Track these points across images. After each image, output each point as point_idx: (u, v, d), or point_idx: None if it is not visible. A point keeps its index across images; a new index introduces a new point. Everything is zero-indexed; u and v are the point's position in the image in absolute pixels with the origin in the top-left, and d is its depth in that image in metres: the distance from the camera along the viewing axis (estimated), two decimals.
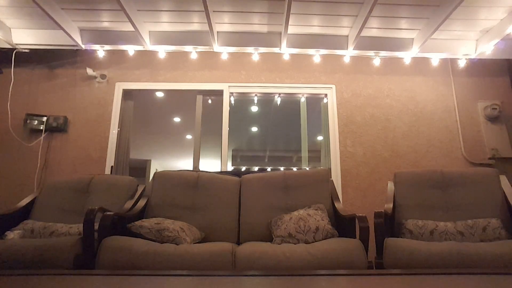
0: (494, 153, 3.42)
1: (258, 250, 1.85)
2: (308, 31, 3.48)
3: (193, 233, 2.20)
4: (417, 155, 3.47)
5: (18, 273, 0.95)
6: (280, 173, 2.66)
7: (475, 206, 2.34)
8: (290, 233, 2.10)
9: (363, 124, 3.54)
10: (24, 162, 3.27)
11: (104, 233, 1.94)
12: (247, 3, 3.06)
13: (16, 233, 2.16)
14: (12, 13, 3.13)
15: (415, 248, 1.83)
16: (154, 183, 2.60)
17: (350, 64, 3.71)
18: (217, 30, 3.45)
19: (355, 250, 1.83)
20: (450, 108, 3.61)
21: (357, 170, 3.40)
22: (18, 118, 3.37)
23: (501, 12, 3.08)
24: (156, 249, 1.79)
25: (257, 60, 3.69)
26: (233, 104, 3.68)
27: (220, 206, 2.48)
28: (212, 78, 3.64)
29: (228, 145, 3.52)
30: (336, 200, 2.45)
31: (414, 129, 3.54)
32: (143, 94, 4.15)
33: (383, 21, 3.28)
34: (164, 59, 3.66)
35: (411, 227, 2.22)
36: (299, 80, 3.66)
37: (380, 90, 3.65)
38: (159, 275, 0.93)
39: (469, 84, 3.70)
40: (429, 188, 2.51)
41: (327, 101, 3.67)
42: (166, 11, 3.18)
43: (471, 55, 3.55)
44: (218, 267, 1.76)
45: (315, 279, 0.85)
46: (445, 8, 2.94)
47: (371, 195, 3.32)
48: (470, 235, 2.09)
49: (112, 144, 3.42)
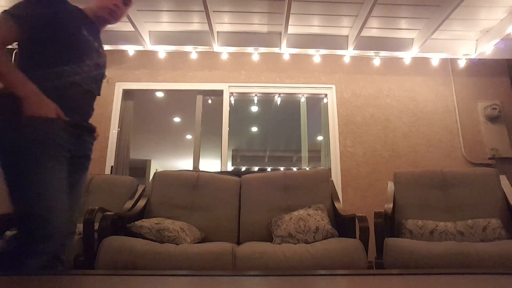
0: (494, 153, 3.41)
1: (258, 250, 1.85)
2: (308, 31, 3.48)
3: (193, 233, 2.20)
4: (417, 155, 3.46)
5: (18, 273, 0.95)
6: (280, 173, 2.66)
7: (475, 206, 2.34)
8: (290, 233, 2.10)
9: (363, 124, 3.54)
10: None
11: (104, 233, 1.93)
12: (247, 3, 3.06)
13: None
14: None
15: (415, 248, 1.83)
16: (154, 183, 2.60)
17: (350, 64, 3.71)
18: (217, 30, 3.45)
19: (355, 250, 1.83)
20: (450, 108, 3.61)
21: (357, 170, 3.40)
22: None
23: (501, 12, 3.08)
24: (156, 249, 1.79)
25: (257, 60, 3.69)
26: (233, 104, 3.68)
27: (220, 206, 2.48)
28: (212, 78, 3.64)
29: (228, 145, 3.52)
30: (336, 200, 2.45)
31: (414, 129, 3.54)
32: (143, 94, 4.15)
33: (383, 21, 3.28)
34: (164, 59, 3.66)
35: (411, 227, 2.22)
36: (299, 80, 3.66)
37: (380, 90, 3.65)
38: (159, 275, 0.93)
39: (469, 84, 3.70)
40: (429, 188, 2.51)
41: (327, 101, 3.67)
42: (166, 11, 3.18)
43: (471, 55, 3.55)
44: (218, 267, 1.76)
45: (315, 279, 0.85)
46: (445, 8, 2.94)
47: (371, 195, 3.32)
48: (470, 235, 2.09)
49: (112, 144, 3.42)
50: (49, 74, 1.30)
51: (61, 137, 1.28)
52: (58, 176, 1.24)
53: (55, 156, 1.25)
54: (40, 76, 1.28)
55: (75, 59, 1.37)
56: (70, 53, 1.37)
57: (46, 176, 1.20)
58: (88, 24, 1.47)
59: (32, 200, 1.17)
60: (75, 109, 1.38)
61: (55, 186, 1.22)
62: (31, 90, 1.22)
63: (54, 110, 1.26)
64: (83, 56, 1.40)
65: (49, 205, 1.18)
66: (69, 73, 1.34)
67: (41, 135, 1.22)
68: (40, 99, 1.23)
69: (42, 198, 1.18)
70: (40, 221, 1.16)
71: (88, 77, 1.43)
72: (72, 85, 1.36)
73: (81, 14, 1.46)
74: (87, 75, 1.42)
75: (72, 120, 1.34)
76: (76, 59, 1.38)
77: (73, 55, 1.37)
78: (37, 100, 1.22)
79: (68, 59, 1.35)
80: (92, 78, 1.47)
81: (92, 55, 1.46)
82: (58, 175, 1.24)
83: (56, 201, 1.21)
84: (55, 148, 1.25)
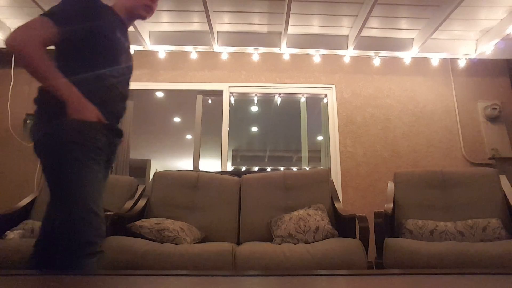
0: (494, 153, 3.41)
1: (258, 250, 1.85)
2: (308, 31, 3.48)
3: (193, 233, 2.20)
4: (417, 155, 3.46)
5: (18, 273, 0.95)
6: (280, 173, 2.66)
7: (475, 206, 2.34)
8: (290, 233, 2.09)
9: (363, 124, 3.54)
10: (24, 162, 3.27)
11: None
12: (247, 3, 3.06)
13: (16, 233, 2.16)
14: (12, 13, 3.13)
15: (415, 248, 1.83)
16: (154, 183, 2.60)
17: (350, 64, 3.71)
18: (217, 30, 3.45)
19: (355, 250, 1.83)
20: (450, 108, 3.61)
21: (357, 170, 3.40)
22: (18, 118, 3.36)
23: (501, 12, 3.08)
24: (156, 249, 1.79)
25: (257, 60, 3.69)
26: (233, 104, 3.68)
27: (220, 206, 2.48)
28: (212, 78, 3.64)
29: (228, 145, 3.52)
30: (336, 200, 2.45)
31: (414, 129, 3.54)
32: (143, 94, 4.15)
33: (383, 21, 3.28)
34: (164, 59, 3.66)
35: (411, 227, 2.22)
36: (299, 80, 3.66)
37: (380, 90, 3.65)
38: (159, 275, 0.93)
39: (469, 84, 3.69)
40: (429, 188, 2.51)
41: (327, 101, 3.67)
42: (166, 11, 3.18)
43: (471, 55, 3.55)
44: (218, 267, 1.76)
45: (315, 279, 0.84)
46: (445, 8, 2.94)
47: (371, 195, 3.32)
48: (470, 235, 2.09)
49: None
50: (89, 77, 1.31)
51: (101, 140, 1.29)
52: (98, 179, 1.26)
53: (96, 159, 1.26)
54: (80, 80, 1.28)
55: (112, 62, 1.37)
56: (107, 56, 1.36)
57: (88, 179, 1.21)
58: (119, 24, 1.45)
59: (76, 203, 1.18)
60: (113, 112, 1.39)
61: (96, 189, 1.24)
62: (74, 93, 1.22)
63: (96, 113, 1.26)
64: (118, 59, 1.40)
65: (92, 207, 1.19)
66: (108, 76, 1.35)
67: (83, 138, 1.23)
68: (83, 102, 1.23)
69: (85, 201, 1.19)
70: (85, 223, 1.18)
71: (123, 80, 1.44)
72: (110, 88, 1.36)
73: (113, 13, 1.44)
74: (122, 78, 1.42)
75: (110, 124, 1.34)
76: (113, 62, 1.38)
77: (110, 58, 1.37)
78: (79, 103, 1.22)
79: (106, 62, 1.35)
80: (126, 81, 1.48)
81: (125, 57, 1.46)
82: (98, 178, 1.26)
83: (97, 204, 1.22)
84: (95, 152, 1.26)
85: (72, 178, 1.19)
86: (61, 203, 1.20)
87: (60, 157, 1.20)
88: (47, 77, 1.20)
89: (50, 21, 1.23)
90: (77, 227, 1.17)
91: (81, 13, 1.30)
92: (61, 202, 1.20)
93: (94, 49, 1.32)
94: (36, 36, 1.19)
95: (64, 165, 1.20)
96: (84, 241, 1.17)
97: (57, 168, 1.20)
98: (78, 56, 1.31)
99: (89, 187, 1.20)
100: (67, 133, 1.21)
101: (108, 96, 1.36)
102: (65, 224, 1.18)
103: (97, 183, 1.25)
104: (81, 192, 1.19)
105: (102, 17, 1.36)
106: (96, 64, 1.32)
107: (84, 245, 1.16)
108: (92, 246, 1.18)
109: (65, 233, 1.17)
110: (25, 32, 1.18)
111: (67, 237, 1.17)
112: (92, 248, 1.18)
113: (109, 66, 1.36)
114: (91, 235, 1.18)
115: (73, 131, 1.21)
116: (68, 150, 1.20)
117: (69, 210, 1.18)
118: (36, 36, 1.19)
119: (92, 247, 1.18)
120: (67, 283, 0.82)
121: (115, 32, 1.39)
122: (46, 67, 1.19)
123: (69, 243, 1.17)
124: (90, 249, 1.17)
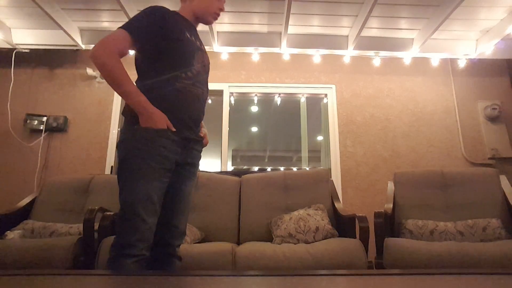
0: (494, 153, 3.42)
1: (258, 250, 1.85)
2: (308, 31, 3.48)
3: (193, 233, 2.20)
4: (417, 155, 3.46)
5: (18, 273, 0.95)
6: (280, 173, 2.66)
7: (475, 206, 2.34)
8: (290, 233, 2.10)
9: (363, 124, 3.54)
10: (24, 162, 3.27)
11: (104, 233, 1.94)
12: (247, 3, 3.06)
13: (16, 233, 2.16)
14: (12, 13, 3.13)
15: (415, 248, 1.83)
16: None
17: (350, 64, 3.71)
18: (217, 30, 3.45)
19: (355, 250, 1.83)
20: (450, 108, 3.61)
21: (357, 170, 3.40)
22: (18, 118, 3.36)
23: (501, 12, 3.08)
24: None
25: (257, 60, 3.69)
26: (233, 104, 3.68)
27: (220, 206, 2.48)
28: (212, 78, 3.59)
29: (228, 145, 3.52)
30: (336, 200, 2.45)
31: (414, 129, 3.54)
32: None
33: (383, 21, 3.28)
34: None
35: (411, 227, 2.22)
36: (299, 80, 3.66)
37: (380, 90, 3.65)
38: (159, 275, 0.93)
39: (469, 84, 3.69)
40: (429, 188, 2.51)
41: (327, 101, 3.67)
42: None
43: (471, 55, 3.55)
44: (218, 267, 1.76)
45: (315, 279, 0.85)
46: (445, 8, 2.94)
47: (371, 195, 3.32)
48: (470, 235, 2.09)
49: (112, 144, 3.41)
50: (160, 82, 1.37)
51: (168, 148, 1.33)
52: (154, 186, 1.30)
53: (155, 168, 1.30)
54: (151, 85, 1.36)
55: (185, 63, 1.42)
56: (179, 57, 1.42)
57: (140, 186, 1.28)
58: (188, 25, 1.53)
59: (126, 207, 1.28)
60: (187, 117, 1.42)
61: (150, 195, 1.29)
62: (143, 101, 1.29)
63: (163, 121, 1.31)
64: (191, 59, 1.45)
65: (139, 212, 1.26)
66: (180, 78, 1.39)
67: (147, 146, 1.30)
68: (151, 111, 1.30)
69: (134, 206, 1.26)
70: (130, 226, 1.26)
71: (198, 81, 1.47)
72: (182, 92, 1.40)
73: (181, 18, 1.52)
74: (197, 79, 1.46)
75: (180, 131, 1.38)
76: (186, 62, 1.43)
77: (182, 58, 1.43)
78: (147, 112, 1.29)
79: (179, 63, 1.41)
80: (203, 81, 1.52)
81: (200, 55, 1.51)
82: (154, 186, 1.30)
83: (148, 210, 1.28)
84: (157, 160, 1.30)
85: (126, 183, 1.30)
86: (120, 204, 1.31)
87: (122, 162, 1.32)
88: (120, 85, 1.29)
89: (125, 31, 1.33)
90: (122, 228, 1.28)
91: (151, 21, 1.38)
92: (120, 203, 1.31)
93: (166, 52, 1.40)
94: (114, 48, 1.30)
95: (123, 170, 1.32)
96: (124, 242, 1.25)
97: (118, 172, 1.34)
98: (152, 62, 1.40)
99: (141, 194, 1.27)
100: (134, 140, 1.31)
101: (180, 100, 1.39)
102: (116, 223, 1.32)
103: (153, 190, 1.29)
104: (132, 197, 1.27)
105: (171, 21, 1.43)
106: (169, 67, 1.39)
107: (123, 246, 1.24)
108: (131, 248, 1.24)
109: (116, 232, 1.29)
110: (105, 45, 1.30)
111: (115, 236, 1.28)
112: (131, 251, 1.24)
113: (182, 67, 1.41)
114: (133, 239, 1.24)
115: (140, 139, 1.30)
116: (129, 157, 1.31)
117: (121, 212, 1.29)
118: (114, 48, 1.30)
119: (131, 249, 1.24)
120: (67, 283, 0.82)
121: (184, 32, 1.45)
122: (121, 76, 1.29)
123: (113, 241, 1.27)
124: (129, 251, 1.23)
